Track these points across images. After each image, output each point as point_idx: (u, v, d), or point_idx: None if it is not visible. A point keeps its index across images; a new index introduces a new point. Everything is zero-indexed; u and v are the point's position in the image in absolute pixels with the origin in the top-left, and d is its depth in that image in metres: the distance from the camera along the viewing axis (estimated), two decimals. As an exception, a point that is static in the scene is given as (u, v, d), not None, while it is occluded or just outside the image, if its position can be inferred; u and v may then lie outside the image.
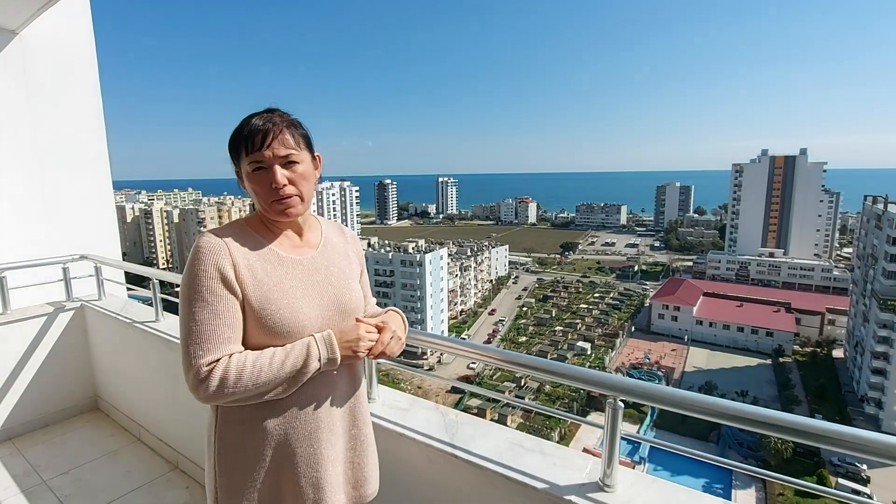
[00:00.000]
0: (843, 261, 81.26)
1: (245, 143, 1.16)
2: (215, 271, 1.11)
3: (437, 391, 44.65)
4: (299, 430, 1.21)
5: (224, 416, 1.20)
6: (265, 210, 1.21)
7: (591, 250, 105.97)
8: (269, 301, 1.16)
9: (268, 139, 1.15)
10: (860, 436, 1.12)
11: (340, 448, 1.31)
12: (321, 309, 1.24)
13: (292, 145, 1.19)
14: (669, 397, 1.38)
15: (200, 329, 1.09)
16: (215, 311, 1.10)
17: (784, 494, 29.79)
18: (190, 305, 1.11)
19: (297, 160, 1.20)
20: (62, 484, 2.93)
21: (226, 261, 1.13)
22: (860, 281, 49.81)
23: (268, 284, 1.17)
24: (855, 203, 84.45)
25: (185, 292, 1.12)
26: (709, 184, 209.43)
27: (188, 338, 1.10)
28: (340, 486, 1.30)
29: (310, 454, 1.23)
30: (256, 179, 1.17)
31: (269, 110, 1.21)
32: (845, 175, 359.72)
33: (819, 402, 41.74)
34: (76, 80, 4.38)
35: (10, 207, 3.98)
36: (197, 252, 1.13)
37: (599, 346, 53.81)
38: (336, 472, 1.29)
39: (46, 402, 3.64)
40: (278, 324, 1.16)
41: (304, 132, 1.24)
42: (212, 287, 1.11)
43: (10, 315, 3.56)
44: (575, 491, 1.44)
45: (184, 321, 1.12)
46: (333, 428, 1.27)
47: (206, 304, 1.10)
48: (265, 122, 1.17)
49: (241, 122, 1.19)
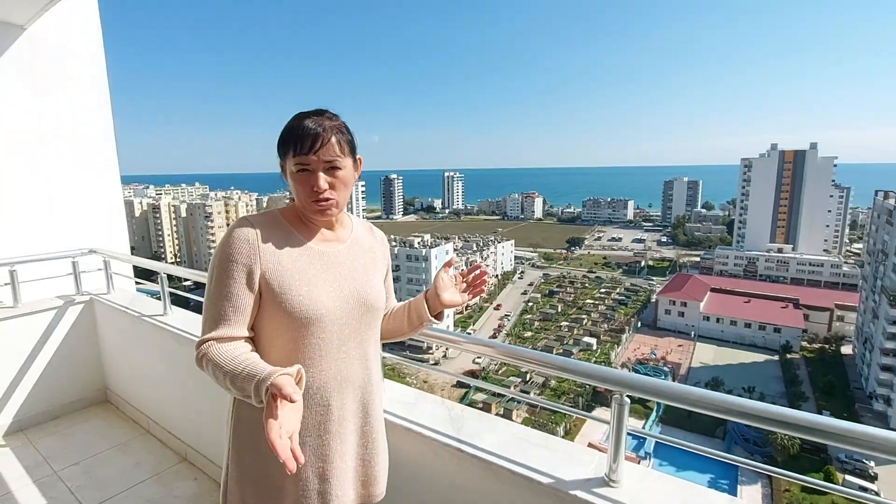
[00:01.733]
0: (853, 256, 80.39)
1: (294, 144, 1.20)
2: (237, 255, 1.18)
3: (442, 385, 44.79)
4: (308, 419, 1.23)
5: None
6: (303, 208, 1.26)
7: (598, 245, 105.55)
8: (290, 287, 1.20)
9: (316, 145, 1.19)
10: (868, 433, 1.11)
11: (351, 443, 1.31)
12: (341, 301, 1.27)
13: (337, 152, 1.22)
14: (676, 393, 1.37)
15: (213, 307, 1.19)
16: (229, 293, 1.18)
17: (790, 490, 29.69)
18: (211, 283, 1.20)
19: (340, 166, 1.23)
20: (73, 475, 2.97)
21: (251, 245, 1.19)
22: (870, 277, 49.31)
23: (290, 271, 1.21)
24: (866, 198, 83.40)
25: (210, 272, 1.21)
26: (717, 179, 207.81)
27: (205, 312, 1.21)
28: (349, 482, 1.31)
29: (318, 445, 1.24)
30: (300, 180, 1.22)
31: (318, 112, 1.24)
32: (856, 170, 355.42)
33: (827, 398, 41.47)
34: (84, 74, 4.40)
35: (20, 202, 4.02)
36: (226, 236, 1.21)
37: (605, 342, 53.69)
38: (345, 467, 1.29)
39: (57, 395, 3.69)
40: (297, 310, 1.19)
41: (349, 138, 1.28)
42: (231, 272, 1.18)
43: (20, 308, 3.60)
44: (581, 486, 1.44)
45: (206, 296, 1.22)
46: (344, 421, 1.28)
47: (222, 286, 1.18)
48: (316, 126, 1.20)
49: (293, 121, 1.22)
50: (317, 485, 1.24)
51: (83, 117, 4.41)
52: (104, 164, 4.59)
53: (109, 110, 4.63)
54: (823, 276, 69.62)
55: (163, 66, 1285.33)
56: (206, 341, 1.17)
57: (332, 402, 1.25)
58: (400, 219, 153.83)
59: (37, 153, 4.09)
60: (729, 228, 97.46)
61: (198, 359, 1.17)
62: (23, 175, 4.02)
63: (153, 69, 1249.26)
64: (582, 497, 1.40)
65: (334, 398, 1.26)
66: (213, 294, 1.19)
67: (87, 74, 4.43)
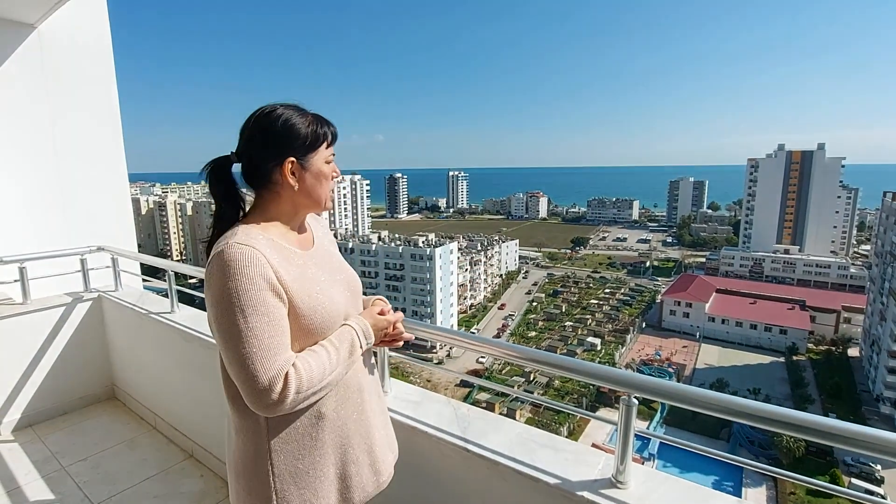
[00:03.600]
0: (861, 258, 79.73)
1: (330, 135, 1.23)
2: (262, 281, 1.06)
3: (446, 385, 44.83)
4: (348, 402, 1.26)
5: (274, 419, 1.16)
6: (316, 204, 1.25)
7: (603, 245, 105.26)
8: (313, 299, 1.15)
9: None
10: (875, 435, 1.10)
11: (378, 412, 1.39)
12: (346, 294, 1.29)
13: None
14: (684, 395, 1.36)
15: (262, 343, 1.03)
16: (273, 321, 1.06)
17: (795, 493, 29.52)
18: (246, 321, 1.02)
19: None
20: (81, 470, 3.00)
21: (268, 269, 1.08)
22: (878, 279, 48.89)
23: (305, 284, 1.16)
24: (874, 199, 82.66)
25: (232, 308, 1.03)
26: (723, 179, 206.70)
27: (252, 355, 1.02)
28: (386, 447, 1.40)
29: (359, 422, 1.29)
30: (326, 173, 1.24)
31: (297, 107, 1.22)
32: (864, 170, 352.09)
33: (833, 401, 41.19)
34: (93, 73, 4.43)
35: (30, 199, 4.06)
36: (233, 263, 1.05)
37: (610, 342, 53.59)
38: (380, 435, 1.37)
39: (65, 391, 3.72)
40: (325, 318, 1.17)
41: None
42: (263, 298, 1.05)
43: (30, 305, 3.63)
44: (588, 487, 1.44)
45: (238, 338, 1.02)
46: (371, 397, 1.36)
47: (262, 317, 1.04)
48: (325, 119, 1.24)
49: (305, 114, 1.21)
50: (366, 459, 1.29)
51: (92, 115, 4.44)
52: (112, 162, 4.63)
53: (117, 108, 4.66)
54: (830, 278, 69.09)
55: (170, 63, 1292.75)
56: (284, 376, 1.04)
57: (363, 384, 1.32)
58: (404, 218, 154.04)
59: (47, 151, 4.13)
60: (735, 229, 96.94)
61: (283, 398, 1.03)
62: (32, 173, 4.06)
63: (160, 66, 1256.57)
64: (589, 498, 1.40)
65: (362, 376, 1.32)
66: (257, 328, 1.03)
67: (97, 72, 4.46)
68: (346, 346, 1.19)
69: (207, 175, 1.20)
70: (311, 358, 1.11)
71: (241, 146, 1.20)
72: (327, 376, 1.13)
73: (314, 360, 1.11)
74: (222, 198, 1.21)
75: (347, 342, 1.20)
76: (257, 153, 1.18)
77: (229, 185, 1.21)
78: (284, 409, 1.05)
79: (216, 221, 1.21)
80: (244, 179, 1.22)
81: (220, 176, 1.20)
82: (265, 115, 1.18)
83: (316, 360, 1.12)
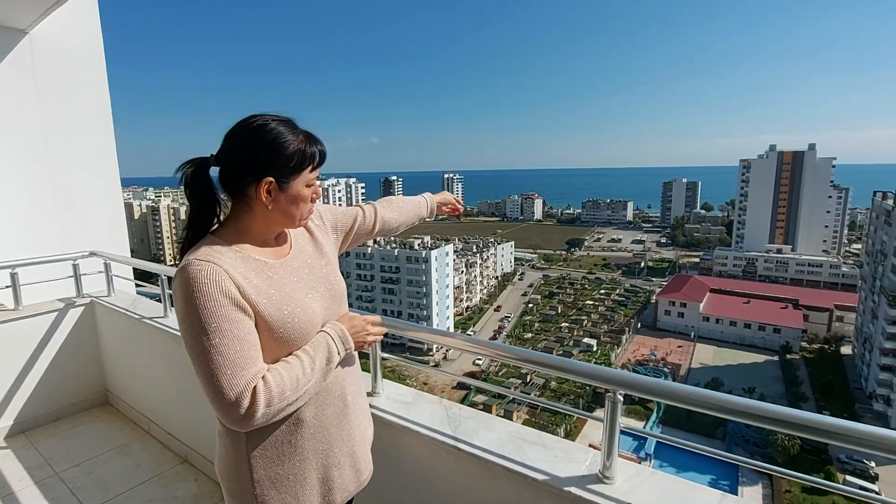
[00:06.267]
0: (852, 257, 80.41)
1: (319, 156, 1.20)
2: (223, 297, 1.03)
3: (442, 387, 44.77)
4: (329, 410, 1.25)
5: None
6: (290, 223, 1.23)
7: (597, 247, 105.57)
8: (282, 311, 1.12)
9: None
10: (869, 432, 1.12)
11: (360, 412, 1.39)
12: (322, 302, 1.25)
13: None
14: (668, 391, 1.40)
15: (227, 360, 1.01)
16: (237, 336, 1.04)
17: (791, 491, 29.66)
18: (209, 338, 1.01)
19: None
20: (74, 476, 2.99)
21: (229, 283, 1.05)
22: (869, 277, 49.33)
23: (274, 295, 1.13)
24: (864, 199, 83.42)
25: (196, 327, 1.02)
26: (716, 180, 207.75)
27: (217, 372, 1.01)
28: (366, 442, 1.40)
29: (340, 430, 1.28)
30: (308, 194, 1.21)
31: (290, 122, 1.17)
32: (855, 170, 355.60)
33: (827, 398, 41.45)
34: (85, 78, 4.42)
35: (22, 205, 4.04)
36: (192, 282, 1.03)
37: (605, 343, 53.72)
38: (362, 432, 1.38)
39: (58, 397, 3.71)
40: (297, 328, 1.14)
41: None
42: (226, 314, 1.03)
43: (21, 311, 3.62)
44: (575, 482, 1.46)
45: (203, 355, 1.02)
46: (354, 404, 1.35)
47: (225, 333, 1.02)
48: (316, 138, 1.20)
49: (296, 132, 1.16)
50: (348, 460, 1.30)
51: (84, 120, 4.43)
52: (105, 166, 4.61)
53: (110, 112, 4.65)
54: (822, 277, 69.64)
55: (162, 67, 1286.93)
56: (252, 391, 1.02)
57: (346, 387, 1.30)
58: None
59: (39, 155, 4.11)
60: (728, 229, 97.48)
61: (252, 413, 1.01)
62: (25, 177, 4.04)
63: (152, 70, 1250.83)
64: (576, 493, 1.42)
65: (345, 383, 1.30)
66: (221, 345, 1.02)
67: (88, 77, 4.45)
68: (322, 353, 1.17)
69: (183, 175, 1.15)
70: (283, 370, 1.09)
71: (221, 152, 1.15)
72: (302, 387, 1.11)
73: (287, 371, 1.09)
74: (198, 200, 1.16)
75: (324, 350, 1.18)
76: (236, 164, 1.13)
77: (206, 187, 1.16)
78: (256, 423, 1.04)
79: (187, 229, 1.18)
80: (220, 184, 1.17)
81: (198, 177, 1.15)
82: (254, 127, 1.13)
83: (289, 371, 1.09)
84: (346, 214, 1.53)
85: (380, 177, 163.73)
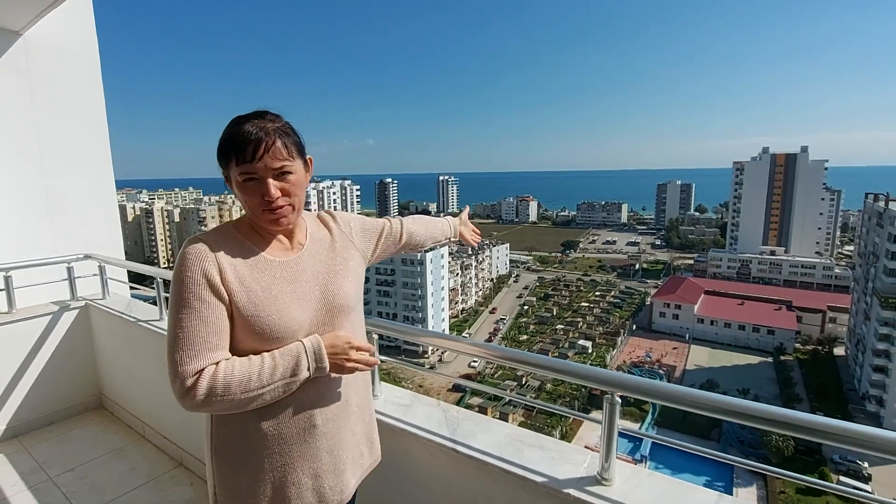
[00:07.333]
0: (845, 259, 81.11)
1: (235, 152, 1.10)
2: (202, 277, 1.08)
3: (438, 389, 44.69)
4: (292, 428, 1.20)
5: (218, 417, 1.20)
6: (256, 219, 1.17)
7: (592, 248, 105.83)
8: (257, 307, 1.12)
9: (259, 151, 1.09)
10: (862, 431, 1.13)
11: (350, 430, 1.33)
12: (311, 311, 1.21)
13: (285, 156, 1.13)
14: (665, 392, 1.40)
15: (186, 335, 1.06)
16: (202, 317, 1.07)
17: (786, 492, 29.80)
18: (177, 312, 1.07)
19: (291, 170, 1.15)
20: (68, 481, 2.96)
21: (212, 266, 1.10)
22: (861, 279, 49.73)
23: (255, 290, 1.13)
24: (856, 201, 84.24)
25: (172, 299, 1.09)
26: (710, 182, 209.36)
27: (174, 344, 1.06)
28: (350, 472, 1.32)
29: (307, 447, 1.22)
30: (248, 190, 1.12)
31: (258, 114, 1.14)
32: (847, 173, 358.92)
33: (820, 399, 41.72)
34: (79, 80, 4.40)
35: (16, 207, 4.01)
36: (183, 258, 1.10)
37: (601, 345, 53.83)
38: (344, 457, 1.30)
39: (51, 401, 3.67)
40: (268, 329, 1.13)
41: (296, 139, 1.18)
42: (198, 293, 1.08)
43: (15, 314, 3.59)
44: (573, 484, 1.47)
45: (170, 328, 1.08)
46: (333, 414, 1.27)
47: (192, 311, 1.07)
48: (258, 130, 1.10)
49: (231, 128, 1.12)
50: (310, 482, 1.23)
51: (78, 122, 4.41)
52: (99, 169, 4.58)
53: (104, 115, 4.62)
54: (816, 278, 70.18)
55: (156, 69, 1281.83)
56: (199, 371, 1.05)
57: (316, 414, 1.23)
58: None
59: (32, 158, 4.09)
60: (722, 231, 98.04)
61: (193, 393, 1.04)
62: (18, 180, 4.01)
63: (146, 73, 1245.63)
64: (575, 495, 1.43)
65: (316, 411, 1.23)
66: (185, 321, 1.06)
67: (83, 79, 4.43)
68: (288, 363, 1.12)
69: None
70: (239, 365, 1.08)
71: None
72: (253, 388, 1.08)
73: (241, 367, 1.08)
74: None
75: (291, 360, 1.12)
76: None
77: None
78: (196, 406, 1.05)
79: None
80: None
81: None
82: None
83: (243, 368, 1.08)
84: (374, 223, 1.53)
85: (375, 179, 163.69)
